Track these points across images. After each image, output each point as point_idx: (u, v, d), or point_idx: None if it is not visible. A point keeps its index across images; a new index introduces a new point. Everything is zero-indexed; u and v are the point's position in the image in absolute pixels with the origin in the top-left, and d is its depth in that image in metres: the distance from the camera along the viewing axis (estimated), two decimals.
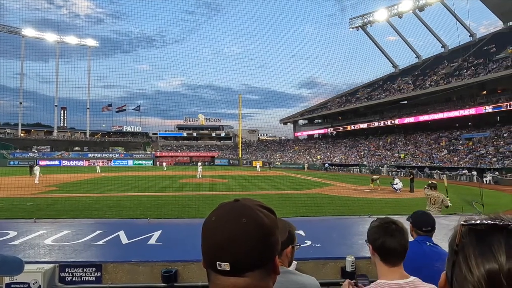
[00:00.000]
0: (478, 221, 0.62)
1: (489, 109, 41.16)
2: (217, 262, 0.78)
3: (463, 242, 0.63)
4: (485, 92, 45.70)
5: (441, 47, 63.33)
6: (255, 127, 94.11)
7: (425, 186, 8.94)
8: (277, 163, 62.27)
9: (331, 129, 71.41)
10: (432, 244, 2.55)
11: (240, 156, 71.95)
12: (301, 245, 5.25)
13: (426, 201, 8.86)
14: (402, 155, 47.32)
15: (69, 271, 4.22)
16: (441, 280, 0.71)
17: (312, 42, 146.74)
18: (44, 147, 71.30)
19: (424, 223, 2.62)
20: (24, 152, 66.42)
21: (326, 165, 54.55)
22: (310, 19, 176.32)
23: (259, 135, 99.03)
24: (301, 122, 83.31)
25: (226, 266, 0.78)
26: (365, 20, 68.00)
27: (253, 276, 0.80)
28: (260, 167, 54.17)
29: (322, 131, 74.63)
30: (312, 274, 3.81)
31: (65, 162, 62.99)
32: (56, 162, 61.95)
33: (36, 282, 3.89)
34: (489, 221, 0.61)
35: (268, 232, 0.83)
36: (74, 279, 4.22)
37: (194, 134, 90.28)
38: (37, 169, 27.11)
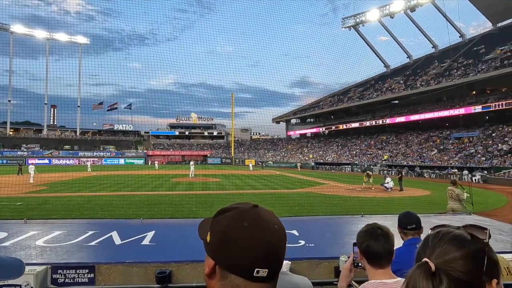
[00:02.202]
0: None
1: (478, 109, 41.82)
2: (256, 269, 0.78)
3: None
4: (474, 92, 46.40)
5: (432, 47, 64.06)
6: (247, 126, 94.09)
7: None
8: (270, 162, 62.39)
9: (324, 128, 71.77)
10: None
11: (232, 155, 71.88)
12: (295, 245, 5.28)
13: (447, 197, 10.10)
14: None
15: (62, 272, 4.18)
16: None
17: (304, 41, 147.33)
18: (33, 145, 70.25)
19: (407, 222, 2.62)
20: (12, 150, 65.39)
21: (313, 163, 54.93)
22: (302, 19, 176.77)
23: (252, 134, 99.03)
24: (293, 121, 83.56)
25: (264, 272, 0.79)
26: (357, 20, 68.41)
27: (274, 282, 0.83)
28: (252, 166, 54.20)
29: (314, 130, 74.95)
30: (306, 274, 3.84)
31: (55, 161, 62.25)
32: (46, 161, 61.18)
33: (28, 284, 3.84)
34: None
35: (286, 239, 0.87)
36: (66, 280, 4.18)
37: (187, 132, 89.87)
38: (31, 168, 26.65)
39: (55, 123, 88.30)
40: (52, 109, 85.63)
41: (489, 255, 0.76)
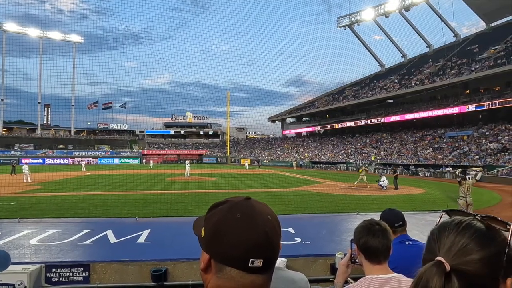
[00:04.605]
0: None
1: (472, 108, 42.15)
2: (251, 259, 0.78)
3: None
4: (468, 91, 46.77)
5: (426, 46, 64.43)
6: (243, 125, 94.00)
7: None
8: (265, 161, 62.44)
9: (319, 127, 71.95)
10: (411, 242, 2.52)
11: (228, 154, 71.80)
12: (291, 243, 5.28)
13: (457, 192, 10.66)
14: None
15: (56, 271, 4.14)
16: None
17: (299, 41, 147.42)
18: (27, 145, 69.61)
19: (394, 219, 2.59)
20: (5, 150, 64.75)
21: (301, 162, 55.27)
22: (297, 18, 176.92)
23: (247, 133, 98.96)
24: (289, 120, 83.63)
25: (259, 262, 0.79)
26: (353, 19, 68.58)
27: (269, 273, 0.83)
28: (248, 165, 54.23)
29: (310, 129, 75.12)
30: (302, 271, 3.84)
31: (49, 161, 61.75)
32: (40, 161, 60.67)
33: (22, 283, 3.80)
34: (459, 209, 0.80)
35: (280, 230, 0.87)
36: (61, 279, 4.14)
37: (182, 132, 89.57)
38: (25, 168, 26.40)
39: (49, 123, 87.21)
40: (46, 108, 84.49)
41: (509, 255, 0.70)
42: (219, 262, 0.81)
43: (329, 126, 68.42)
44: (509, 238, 0.73)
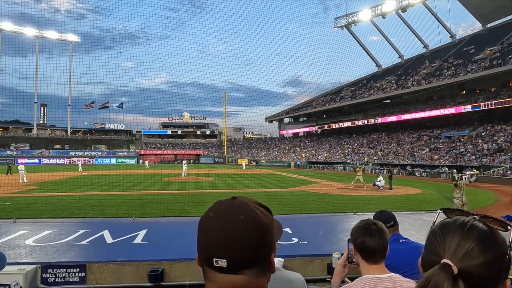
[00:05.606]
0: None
1: (468, 108, 42.36)
2: (214, 259, 0.79)
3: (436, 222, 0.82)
4: (464, 92, 47.01)
5: (423, 47, 64.71)
6: (240, 125, 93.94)
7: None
8: (263, 161, 62.44)
9: (316, 127, 72.06)
10: (404, 240, 2.64)
11: (225, 154, 71.76)
12: (288, 243, 5.29)
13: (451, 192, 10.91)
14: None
15: (52, 272, 4.12)
16: (419, 262, 0.80)
17: (296, 41, 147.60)
18: (23, 144, 69.21)
19: (386, 219, 2.64)
20: (1, 150, 64.37)
21: (298, 163, 55.52)
22: (294, 18, 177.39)
23: (245, 133, 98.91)
24: (286, 120, 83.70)
25: (222, 262, 0.79)
26: (350, 19, 68.77)
27: (249, 274, 0.81)
28: (245, 165, 54.22)
29: (307, 129, 75.20)
30: (299, 271, 3.85)
31: (45, 161, 61.45)
32: (36, 161, 60.37)
33: (17, 283, 3.78)
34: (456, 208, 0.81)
35: (265, 230, 0.84)
36: (57, 280, 4.12)
37: (179, 132, 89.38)
38: (21, 168, 26.23)
39: (45, 122, 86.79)
40: (42, 108, 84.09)
41: (510, 257, 0.71)
42: (199, 260, 0.85)
43: (326, 126, 68.56)
44: (510, 240, 0.73)
